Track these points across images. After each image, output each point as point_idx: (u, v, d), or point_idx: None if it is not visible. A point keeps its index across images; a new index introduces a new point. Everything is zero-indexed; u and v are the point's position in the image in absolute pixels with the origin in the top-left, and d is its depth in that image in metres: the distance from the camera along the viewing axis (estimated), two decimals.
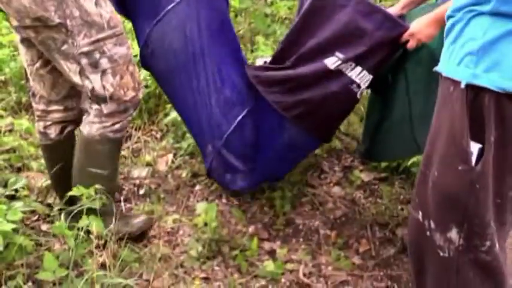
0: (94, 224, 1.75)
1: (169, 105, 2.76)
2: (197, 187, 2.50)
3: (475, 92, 1.19)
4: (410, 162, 2.38)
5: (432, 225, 1.34)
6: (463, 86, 1.19)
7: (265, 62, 2.10)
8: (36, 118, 2.05)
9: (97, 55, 1.77)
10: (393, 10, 2.07)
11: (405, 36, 1.82)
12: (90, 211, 1.76)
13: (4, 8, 1.70)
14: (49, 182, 2.20)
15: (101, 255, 1.85)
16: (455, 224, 1.29)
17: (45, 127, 2.03)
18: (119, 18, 1.85)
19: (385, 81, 2.04)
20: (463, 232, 1.29)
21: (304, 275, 2.01)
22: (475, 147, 1.20)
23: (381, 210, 2.33)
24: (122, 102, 1.86)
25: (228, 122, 2.08)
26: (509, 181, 1.26)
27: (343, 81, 1.90)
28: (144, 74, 2.72)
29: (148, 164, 2.63)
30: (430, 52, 1.88)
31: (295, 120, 1.99)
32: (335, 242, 2.18)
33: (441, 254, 1.34)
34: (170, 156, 2.67)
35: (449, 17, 1.30)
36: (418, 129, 2.00)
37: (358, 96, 1.96)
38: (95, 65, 1.78)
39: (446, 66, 1.28)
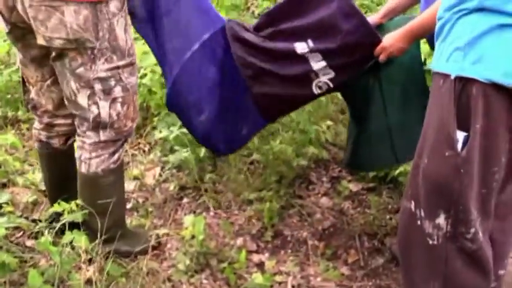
0: (82, 239, 1.73)
1: (156, 118, 2.76)
2: (185, 200, 2.49)
3: (462, 83, 1.25)
4: (397, 172, 2.38)
5: (422, 213, 1.39)
6: (452, 77, 1.25)
7: None
8: (38, 129, 2.01)
9: (112, 82, 1.74)
10: (373, 19, 2.10)
11: (377, 49, 1.84)
12: (75, 226, 1.74)
13: (34, 26, 1.63)
14: (35, 197, 2.18)
15: (87, 270, 1.82)
16: (443, 210, 1.34)
17: (48, 137, 2.01)
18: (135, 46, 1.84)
19: (361, 94, 2.06)
20: (450, 218, 1.34)
21: (293, 286, 1.99)
22: (460, 135, 1.27)
23: (369, 220, 2.32)
24: (120, 132, 1.84)
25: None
26: (494, 171, 1.31)
27: (304, 67, 1.91)
28: None
29: (135, 178, 2.62)
30: (402, 64, 1.92)
31: (249, 82, 1.99)
32: (323, 252, 2.17)
33: (430, 242, 1.38)
34: (158, 169, 2.67)
35: (439, 18, 1.36)
36: (397, 140, 2.02)
37: (314, 89, 1.96)
38: (108, 92, 1.75)
39: (437, 63, 1.34)
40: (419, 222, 1.40)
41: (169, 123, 2.60)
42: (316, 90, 1.97)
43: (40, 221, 2.00)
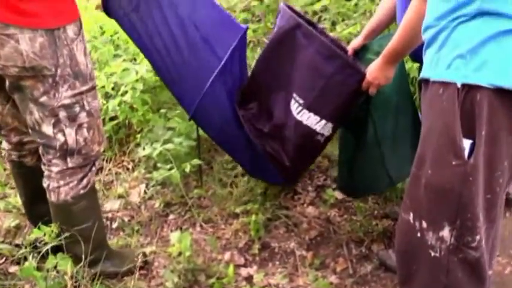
0: (67, 263, 1.70)
1: (139, 135, 2.73)
2: (170, 216, 2.47)
3: (466, 90, 1.23)
4: None
5: (424, 224, 1.36)
6: (459, 85, 1.23)
7: None
8: (8, 149, 1.96)
9: (77, 108, 1.71)
10: (356, 42, 2.13)
11: (364, 85, 1.83)
12: (58, 249, 1.71)
13: None
14: (17, 221, 2.14)
15: None
16: (448, 221, 1.31)
17: (20, 156, 1.96)
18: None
19: (354, 124, 2.07)
20: (455, 230, 1.31)
21: None
22: (467, 143, 1.24)
23: (356, 227, 2.32)
24: (88, 157, 1.81)
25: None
26: (498, 176, 1.29)
27: (309, 135, 1.95)
28: (112, 104, 2.70)
29: (120, 196, 2.59)
30: (390, 91, 1.92)
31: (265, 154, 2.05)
32: (312, 262, 2.16)
33: (432, 254, 1.36)
34: (142, 186, 2.64)
35: (430, 26, 1.34)
36: (390, 162, 2.04)
37: (322, 142, 2.01)
38: (73, 119, 1.71)
39: (434, 72, 1.31)
40: (419, 234, 1.38)
41: (152, 140, 2.57)
42: (323, 142, 2.03)
43: (23, 245, 1.96)
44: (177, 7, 1.88)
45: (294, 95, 1.91)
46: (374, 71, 1.80)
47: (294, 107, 1.93)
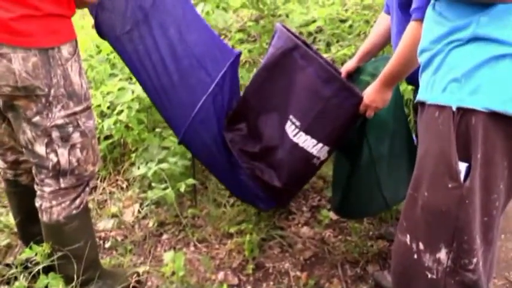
0: (58, 284, 1.68)
1: (134, 155, 2.73)
2: (164, 236, 2.46)
3: (461, 114, 1.24)
4: None
5: (421, 246, 1.36)
6: (454, 109, 1.24)
7: None
8: (3, 168, 1.95)
9: (70, 129, 1.70)
10: (350, 64, 2.15)
11: (361, 108, 1.83)
12: (50, 268, 1.69)
13: None
14: (8, 240, 2.11)
15: None
16: (445, 243, 1.32)
17: (15, 175, 1.95)
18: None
19: (349, 145, 2.06)
20: (452, 252, 1.31)
21: None
22: (462, 166, 1.25)
23: (351, 248, 2.31)
24: (81, 177, 1.80)
25: None
26: (494, 199, 1.30)
27: (305, 158, 1.93)
28: (107, 123, 2.71)
29: (114, 215, 2.58)
30: (386, 114, 1.92)
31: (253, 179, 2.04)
32: (306, 283, 2.14)
33: (429, 275, 1.35)
34: (136, 206, 2.63)
35: (425, 50, 1.35)
36: (385, 185, 2.04)
37: (317, 165, 2.00)
38: (66, 139, 1.70)
39: (430, 95, 1.32)
40: (416, 256, 1.37)
41: (147, 159, 2.57)
42: (319, 165, 2.01)
43: (14, 264, 1.94)
44: (167, 30, 1.88)
45: (291, 116, 1.91)
46: (371, 94, 1.80)
47: (290, 129, 1.92)
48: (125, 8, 1.80)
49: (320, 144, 1.90)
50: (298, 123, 1.89)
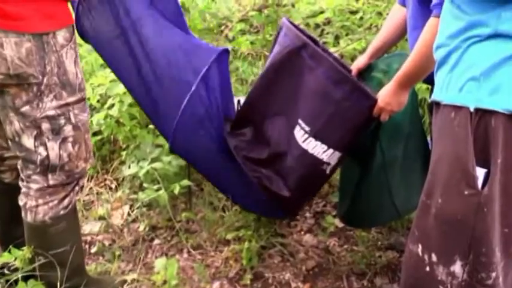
0: None
1: (124, 152, 2.71)
2: (156, 241, 2.45)
3: (479, 115, 1.22)
4: None
5: (434, 258, 1.33)
6: (472, 110, 1.22)
7: (238, 101, 2.13)
8: None
9: (62, 121, 1.68)
10: (361, 60, 2.12)
11: (375, 111, 1.81)
12: (30, 276, 1.67)
13: None
14: None
15: None
16: (460, 255, 1.29)
17: None
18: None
19: (360, 149, 2.05)
20: (468, 265, 1.29)
21: None
22: (481, 171, 1.23)
23: (357, 259, 2.29)
24: (71, 174, 1.77)
25: None
26: None
27: (315, 165, 1.92)
28: (96, 118, 2.70)
29: (101, 218, 2.57)
30: (401, 117, 1.91)
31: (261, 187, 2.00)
32: None
33: None
34: (126, 208, 2.63)
35: (442, 46, 1.33)
36: (397, 192, 2.04)
37: (328, 172, 1.98)
38: (57, 132, 1.68)
39: (445, 95, 1.30)
40: (428, 268, 1.35)
41: (138, 158, 2.53)
42: (329, 172, 1.99)
43: None
44: (147, 42, 1.86)
45: (300, 121, 1.89)
46: (386, 96, 1.78)
47: (300, 134, 1.90)
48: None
49: (331, 150, 1.89)
50: (307, 128, 1.87)
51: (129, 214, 2.58)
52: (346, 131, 1.88)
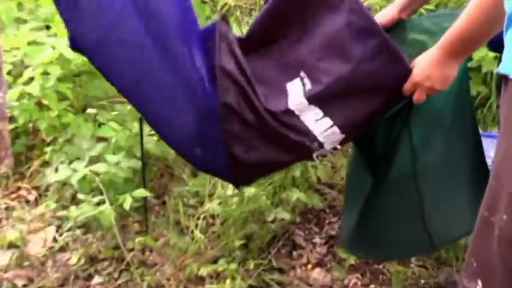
0: None
1: (49, 149, 2.49)
2: (95, 280, 2.16)
3: None
4: None
5: None
6: None
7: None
8: None
9: None
10: (388, 12, 1.93)
11: (407, 86, 1.61)
12: None
13: None
14: None
15: None
16: None
17: None
18: None
19: (381, 145, 1.84)
20: None
21: None
22: None
23: None
24: None
25: None
26: None
27: (300, 136, 1.69)
28: (7, 97, 2.55)
29: (12, 246, 2.29)
30: (443, 102, 1.75)
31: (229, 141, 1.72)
32: None
33: None
34: (51, 230, 2.35)
35: None
36: (431, 212, 1.82)
37: (314, 157, 1.77)
38: None
39: None
40: None
41: (70, 156, 2.40)
42: (316, 158, 1.80)
43: None
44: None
45: (302, 73, 1.70)
46: (427, 67, 1.58)
47: (296, 90, 1.72)
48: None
49: (328, 121, 1.67)
50: (309, 86, 1.69)
51: (55, 239, 2.31)
52: (358, 108, 1.68)
